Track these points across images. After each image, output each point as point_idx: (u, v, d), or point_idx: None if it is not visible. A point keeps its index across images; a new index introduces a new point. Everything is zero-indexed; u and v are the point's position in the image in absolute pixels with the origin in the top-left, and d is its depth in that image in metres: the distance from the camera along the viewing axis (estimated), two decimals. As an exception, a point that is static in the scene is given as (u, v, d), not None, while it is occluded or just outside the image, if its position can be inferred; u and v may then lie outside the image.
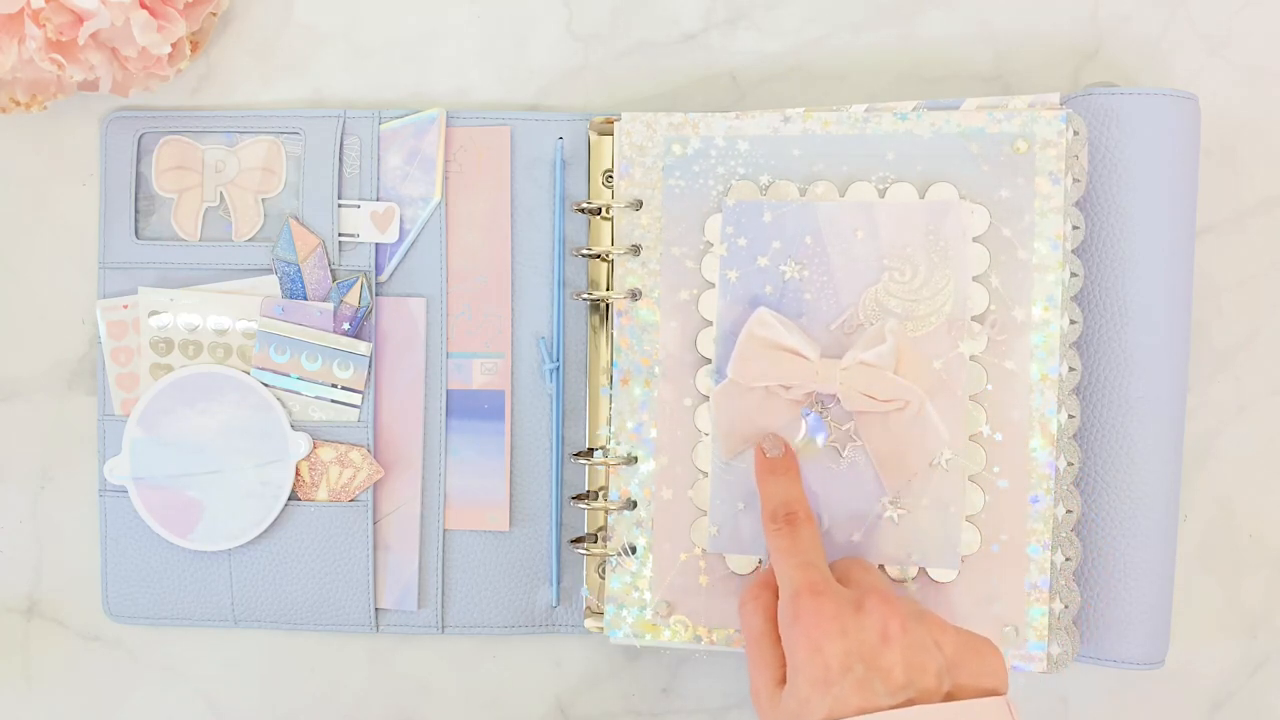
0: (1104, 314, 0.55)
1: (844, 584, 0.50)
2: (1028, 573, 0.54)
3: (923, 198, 0.55)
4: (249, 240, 0.59)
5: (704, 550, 0.56)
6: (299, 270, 0.59)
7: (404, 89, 0.60)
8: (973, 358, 0.54)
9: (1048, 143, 0.54)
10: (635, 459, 0.56)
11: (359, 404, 0.59)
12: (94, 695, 0.61)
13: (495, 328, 0.59)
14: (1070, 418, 0.54)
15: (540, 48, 0.60)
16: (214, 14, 0.59)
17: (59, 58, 0.54)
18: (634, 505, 0.56)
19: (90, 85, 0.57)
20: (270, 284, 0.59)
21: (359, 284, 0.59)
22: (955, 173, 0.55)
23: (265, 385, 0.58)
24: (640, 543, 0.56)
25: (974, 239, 0.54)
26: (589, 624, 0.58)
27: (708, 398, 0.56)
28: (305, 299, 0.59)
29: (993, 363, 0.54)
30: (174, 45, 0.57)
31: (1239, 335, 0.60)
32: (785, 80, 0.60)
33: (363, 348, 0.59)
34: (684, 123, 0.57)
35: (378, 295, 0.59)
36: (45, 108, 0.58)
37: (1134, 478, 0.54)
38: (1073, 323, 0.54)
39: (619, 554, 0.57)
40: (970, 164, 0.55)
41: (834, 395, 0.54)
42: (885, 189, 0.55)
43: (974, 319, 0.54)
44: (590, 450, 0.58)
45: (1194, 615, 0.59)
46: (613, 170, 0.58)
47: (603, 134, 0.58)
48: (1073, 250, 0.54)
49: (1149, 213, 0.54)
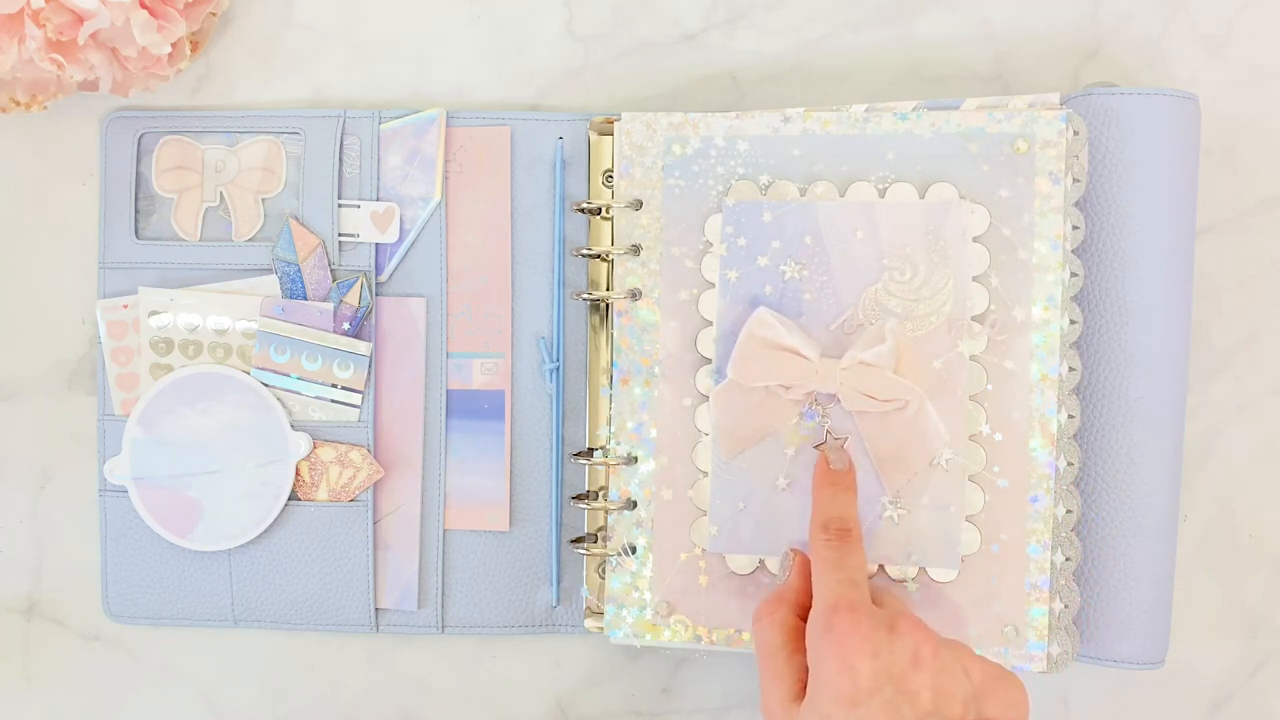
0: (1104, 314, 0.55)
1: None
2: (1028, 573, 0.54)
3: (923, 198, 0.55)
4: (249, 240, 0.59)
5: (704, 550, 0.56)
6: (299, 270, 0.59)
7: (404, 89, 0.60)
8: (973, 357, 0.54)
9: (1048, 143, 0.54)
10: (635, 459, 0.56)
11: (359, 404, 0.59)
12: (94, 695, 0.61)
13: (495, 328, 0.59)
14: (1070, 418, 0.54)
15: (540, 48, 0.60)
16: (214, 14, 0.59)
17: (59, 58, 0.54)
18: (634, 505, 0.56)
19: (90, 85, 0.57)
20: (270, 284, 0.59)
21: (359, 284, 0.59)
22: (955, 173, 0.55)
23: (265, 385, 0.58)
24: (640, 543, 0.56)
25: (974, 239, 0.54)
26: (589, 624, 0.58)
27: (708, 398, 0.56)
28: (305, 299, 0.59)
29: (993, 362, 0.54)
30: (174, 45, 0.57)
31: (1239, 335, 0.60)
32: (785, 80, 0.60)
33: (363, 348, 0.59)
34: (684, 123, 0.57)
35: (378, 295, 0.59)
36: (45, 108, 0.58)
37: (1134, 478, 0.54)
38: (1073, 323, 0.54)
39: (619, 554, 0.57)
40: (970, 164, 0.55)
41: (834, 395, 0.54)
42: (885, 189, 0.55)
43: (974, 319, 0.54)
44: (590, 450, 0.58)
45: (1194, 615, 0.59)
46: (613, 170, 0.58)
47: (603, 134, 0.58)
48: (1073, 250, 0.54)
49: (1149, 213, 0.54)
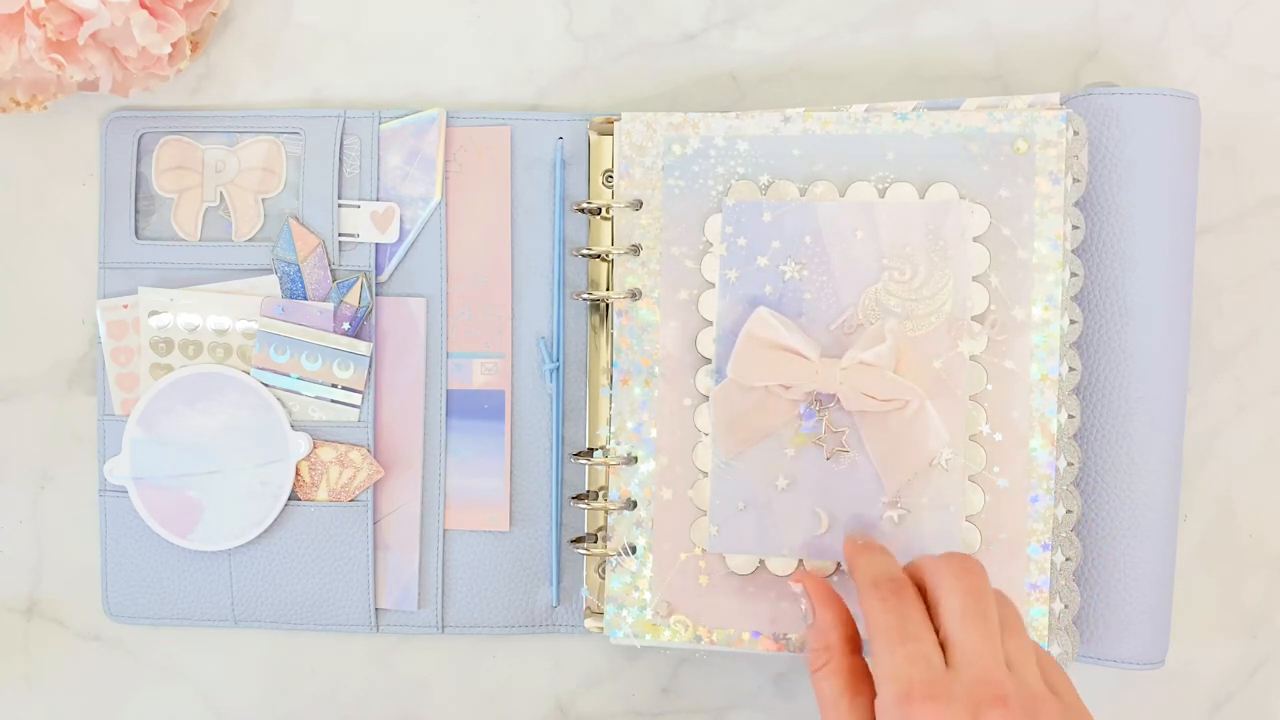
0: (1104, 314, 0.55)
1: (920, 587, 0.47)
2: (1028, 573, 0.54)
3: (923, 198, 0.55)
4: (249, 240, 0.59)
5: (704, 550, 0.56)
6: (299, 270, 0.59)
7: (404, 89, 0.60)
8: (973, 357, 0.54)
9: (1048, 143, 0.54)
10: (635, 459, 0.56)
11: (359, 404, 0.59)
12: (94, 695, 0.61)
13: (495, 328, 0.59)
14: (1070, 418, 0.54)
15: (540, 48, 0.60)
16: (214, 14, 0.59)
17: (59, 58, 0.54)
18: (634, 505, 0.56)
19: (90, 85, 0.57)
20: (270, 284, 0.59)
21: (359, 284, 0.59)
22: (955, 173, 0.55)
23: (265, 385, 0.58)
24: (640, 543, 0.56)
25: (974, 239, 0.54)
26: (589, 624, 0.58)
27: (708, 398, 0.56)
28: (305, 299, 0.59)
29: (993, 362, 0.54)
30: (174, 45, 0.57)
31: (1239, 335, 0.60)
32: (785, 80, 0.60)
33: (363, 348, 0.59)
34: (684, 123, 0.57)
35: (378, 295, 0.59)
36: (45, 108, 0.58)
37: (1134, 478, 0.54)
38: (1073, 323, 0.54)
39: (619, 554, 0.57)
40: (970, 164, 0.55)
41: (834, 395, 0.54)
42: (885, 189, 0.55)
43: (974, 319, 0.54)
44: (590, 450, 0.58)
45: (1194, 615, 0.59)
46: (613, 170, 0.58)
47: (603, 134, 0.58)
48: (1073, 250, 0.54)
49: (1149, 213, 0.54)
